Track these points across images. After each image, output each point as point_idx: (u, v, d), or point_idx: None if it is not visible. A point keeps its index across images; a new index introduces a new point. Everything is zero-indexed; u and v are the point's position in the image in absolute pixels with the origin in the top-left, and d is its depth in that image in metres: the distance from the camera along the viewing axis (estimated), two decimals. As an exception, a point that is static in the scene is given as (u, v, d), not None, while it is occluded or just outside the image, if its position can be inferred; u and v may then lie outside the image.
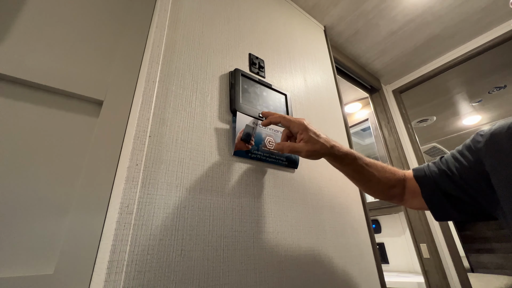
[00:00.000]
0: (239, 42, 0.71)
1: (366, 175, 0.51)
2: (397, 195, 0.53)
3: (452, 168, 0.45)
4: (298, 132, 0.49)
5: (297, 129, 0.49)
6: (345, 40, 1.30)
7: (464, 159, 0.44)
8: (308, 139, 0.48)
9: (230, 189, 0.50)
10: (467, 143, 0.45)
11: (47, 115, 0.47)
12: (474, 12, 1.19)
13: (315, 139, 0.48)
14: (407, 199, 0.53)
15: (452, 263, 1.20)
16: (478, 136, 0.43)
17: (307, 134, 0.48)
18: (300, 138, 0.49)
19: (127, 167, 0.39)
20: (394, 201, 0.55)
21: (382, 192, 0.53)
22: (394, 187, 0.52)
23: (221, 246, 0.44)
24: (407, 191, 0.52)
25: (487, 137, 0.41)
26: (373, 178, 0.51)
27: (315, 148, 0.48)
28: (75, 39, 0.54)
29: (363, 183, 0.53)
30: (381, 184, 0.52)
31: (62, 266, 0.39)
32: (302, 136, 0.48)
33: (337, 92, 1.02)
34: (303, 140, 0.48)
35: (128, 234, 0.35)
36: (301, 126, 0.49)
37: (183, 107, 0.50)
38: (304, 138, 0.48)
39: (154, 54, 0.50)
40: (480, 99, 2.22)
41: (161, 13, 0.55)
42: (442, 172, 0.46)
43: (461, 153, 0.45)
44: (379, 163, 0.54)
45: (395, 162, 1.47)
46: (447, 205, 0.46)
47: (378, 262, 0.75)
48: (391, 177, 0.52)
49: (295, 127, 0.50)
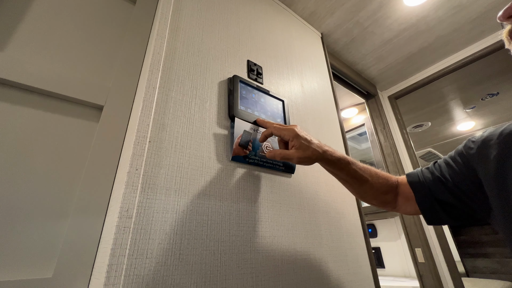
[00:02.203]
0: (238, 49, 0.72)
1: (359, 180, 0.52)
2: (389, 202, 0.54)
3: (445, 174, 0.46)
4: (289, 139, 0.50)
5: (288, 137, 0.50)
6: (342, 47, 1.32)
7: (457, 165, 0.45)
8: (299, 146, 0.49)
9: (228, 193, 0.51)
10: (460, 149, 0.46)
11: (47, 119, 0.48)
12: (466, 22, 1.22)
13: (306, 145, 0.49)
14: (400, 205, 0.53)
15: (446, 267, 1.22)
16: (470, 142, 0.44)
17: (298, 141, 0.49)
18: (292, 145, 0.50)
19: (127, 172, 0.40)
20: (387, 207, 0.56)
21: (375, 198, 0.54)
22: (387, 193, 0.53)
23: (218, 250, 0.45)
24: (400, 197, 0.53)
25: (479, 143, 0.42)
26: (366, 184, 0.52)
27: (306, 154, 0.48)
28: (76, 44, 0.55)
29: (356, 187, 0.54)
30: (374, 189, 0.53)
31: (61, 269, 0.39)
32: (293, 143, 0.49)
33: (333, 98, 1.04)
34: (294, 147, 0.49)
35: (127, 238, 0.36)
36: (292, 133, 0.50)
37: (182, 113, 0.51)
38: (295, 145, 0.49)
39: (154, 61, 0.51)
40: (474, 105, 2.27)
41: (162, 21, 0.57)
42: (436, 178, 0.47)
43: (454, 159, 0.46)
44: (373, 168, 0.55)
45: (391, 167, 1.49)
46: (440, 211, 0.47)
47: (373, 266, 0.76)
48: (384, 183, 0.53)
49: (286, 135, 0.51)
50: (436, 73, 1.51)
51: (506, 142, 0.38)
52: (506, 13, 0.34)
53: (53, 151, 0.46)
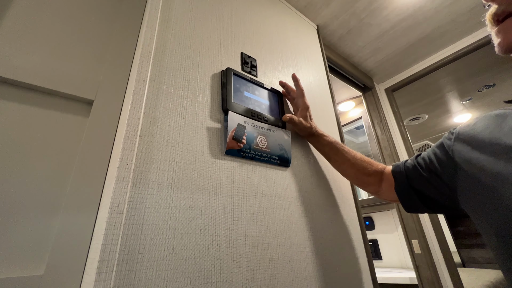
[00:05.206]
0: (231, 41, 0.71)
1: (341, 158, 0.64)
2: (372, 184, 0.61)
3: (422, 164, 0.49)
4: (301, 107, 0.69)
5: (304, 106, 0.69)
6: (338, 39, 1.31)
7: (435, 156, 0.46)
8: (304, 117, 0.68)
9: (222, 188, 0.51)
10: (440, 141, 0.47)
11: (36, 115, 0.46)
12: (463, 12, 1.21)
13: (309, 119, 0.69)
14: (384, 190, 0.59)
15: (443, 258, 1.23)
16: (449, 133, 0.46)
17: (304, 113, 0.69)
18: (300, 114, 0.68)
19: (117, 166, 0.39)
20: (369, 189, 0.62)
21: (356, 178, 0.64)
22: (369, 175, 0.60)
23: (213, 244, 0.45)
24: (384, 184, 0.58)
25: (456, 134, 0.43)
26: (348, 162, 0.63)
27: (306, 124, 0.67)
28: (64, 37, 0.54)
29: (338, 165, 0.67)
30: (354, 169, 0.62)
31: (52, 266, 0.39)
32: (302, 113, 0.68)
33: (330, 91, 1.03)
34: (302, 116, 0.68)
35: (118, 233, 0.35)
36: (306, 106, 0.69)
37: (174, 106, 0.50)
38: (303, 115, 0.68)
39: (144, 53, 0.50)
40: (470, 97, 2.27)
41: (152, 12, 0.55)
42: (414, 167, 0.50)
43: (434, 151, 0.48)
44: (359, 154, 0.64)
45: (388, 159, 1.49)
46: (416, 199, 0.49)
47: (369, 258, 0.76)
48: (367, 167, 0.61)
49: (301, 103, 0.70)
50: (433, 64, 1.50)
51: (477, 129, 0.39)
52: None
53: (42, 147, 0.45)
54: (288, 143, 0.67)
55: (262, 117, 0.64)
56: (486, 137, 0.37)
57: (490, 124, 0.38)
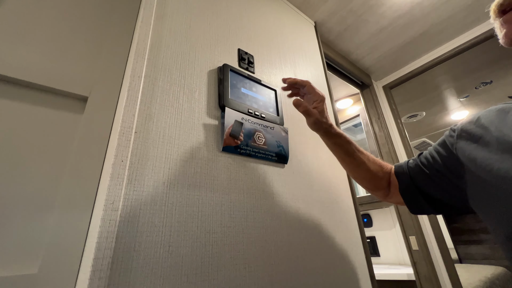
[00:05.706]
0: (228, 37, 0.70)
1: (356, 160, 0.54)
2: (382, 188, 0.55)
3: (426, 163, 0.47)
4: (317, 100, 0.56)
5: (318, 98, 0.56)
6: (336, 36, 1.30)
7: (439, 155, 0.45)
8: (322, 110, 0.55)
9: (219, 185, 0.50)
10: (442, 138, 0.46)
11: (30, 112, 0.46)
12: (461, 9, 1.21)
13: (325, 114, 0.55)
14: (393, 194, 0.54)
15: (440, 254, 1.24)
16: (450, 131, 0.44)
17: (322, 106, 0.56)
18: (315, 106, 0.56)
19: (112, 163, 0.38)
20: (379, 193, 0.56)
21: (369, 181, 0.55)
22: (382, 179, 0.54)
23: (209, 241, 0.44)
24: (391, 186, 0.54)
25: (459, 131, 0.42)
26: (363, 165, 0.54)
27: (322, 119, 0.54)
28: (59, 33, 0.53)
29: (353, 167, 0.56)
30: (369, 173, 0.54)
31: (46, 265, 0.38)
32: (319, 105, 0.56)
33: (327, 88, 1.03)
34: (318, 109, 0.55)
35: (113, 231, 0.35)
36: (322, 98, 0.57)
37: (170, 103, 0.50)
38: (319, 107, 0.55)
39: (139, 49, 0.49)
40: (468, 94, 2.27)
41: (147, 7, 0.54)
42: (418, 167, 0.49)
43: (436, 150, 0.46)
44: (370, 154, 0.57)
45: (386, 157, 1.49)
46: (421, 200, 0.47)
47: (367, 255, 0.76)
48: (379, 170, 0.55)
49: (317, 95, 0.57)
50: (430, 61, 1.50)
51: (481, 125, 0.38)
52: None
53: (36, 144, 0.44)
54: (286, 140, 0.66)
55: (260, 114, 0.63)
56: (491, 135, 0.35)
57: (494, 120, 0.37)
